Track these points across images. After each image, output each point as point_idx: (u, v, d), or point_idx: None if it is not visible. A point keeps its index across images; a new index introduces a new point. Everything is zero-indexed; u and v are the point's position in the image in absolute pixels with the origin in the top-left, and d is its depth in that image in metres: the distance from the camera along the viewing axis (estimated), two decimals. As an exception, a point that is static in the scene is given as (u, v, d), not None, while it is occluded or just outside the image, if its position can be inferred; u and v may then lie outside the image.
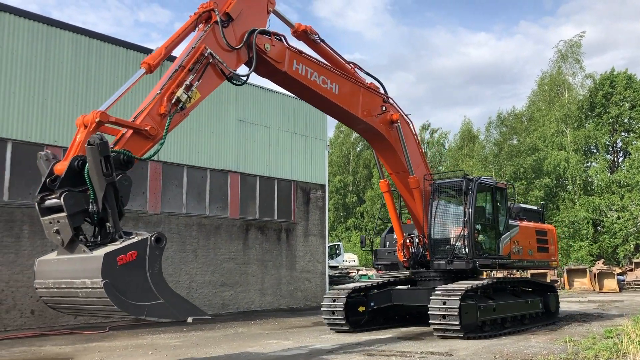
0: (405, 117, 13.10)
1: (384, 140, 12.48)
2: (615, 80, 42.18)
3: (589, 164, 42.50)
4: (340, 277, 26.41)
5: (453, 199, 13.33)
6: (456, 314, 10.90)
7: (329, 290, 13.34)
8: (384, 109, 12.32)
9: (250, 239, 19.84)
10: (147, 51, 17.49)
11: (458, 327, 10.92)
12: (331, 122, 62.45)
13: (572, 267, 31.09)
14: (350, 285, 13.51)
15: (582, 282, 29.45)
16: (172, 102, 8.13)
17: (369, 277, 26.18)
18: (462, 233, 12.35)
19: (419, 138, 13.71)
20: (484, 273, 14.85)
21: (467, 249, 12.29)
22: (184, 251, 17.70)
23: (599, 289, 28.09)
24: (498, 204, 13.52)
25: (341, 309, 12.67)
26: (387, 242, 14.37)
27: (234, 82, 9.23)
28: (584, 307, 18.66)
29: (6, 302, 13.58)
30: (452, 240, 12.56)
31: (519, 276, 31.25)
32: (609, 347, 9.30)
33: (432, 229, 12.92)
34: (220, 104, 19.27)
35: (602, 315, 15.98)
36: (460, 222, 12.50)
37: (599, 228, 40.65)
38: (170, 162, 17.76)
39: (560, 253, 37.72)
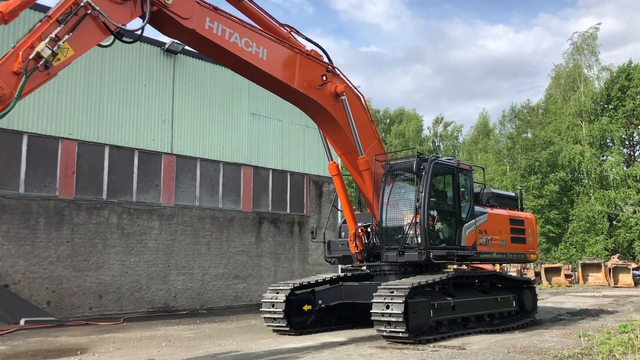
0: (354, 89, 11.74)
1: (328, 116, 11.07)
2: (632, 73, 41.60)
3: (604, 158, 42.03)
4: (353, 270, 26.44)
5: (409, 183, 11.65)
6: (400, 313, 9.44)
7: (271, 286, 11.99)
8: (324, 78, 10.82)
9: (263, 232, 19.90)
10: (160, 44, 17.56)
11: (403, 329, 9.49)
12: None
13: (587, 261, 30.82)
14: (294, 281, 12.05)
15: (596, 277, 29.20)
16: (31, 57, 6.55)
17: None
18: (414, 220, 10.78)
19: (370, 112, 12.18)
20: (451, 266, 13.50)
21: (419, 239, 10.75)
22: (197, 244, 17.81)
23: (614, 284, 27.84)
24: (461, 187, 12.03)
25: (281, 309, 11.19)
26: (343, 233, 12.52)
27: (125, 39, 7.53)
28: (598, 302, 18.51)
29: (22, 293, 13.76)
30: (404, 228, 11.02)
31: (488, 269, 31.15)
32: (624, 342, 9.22)
33: (383, 216, 11.42)
34: (233, 97, 19.31)
35: (617, 310, 15.82)
36: (414, 208, 10.93)
37: (614, 222, 40.25)
38: (184, 155, 17.85)
39: (575, 247, 37.47)
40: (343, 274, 12.87)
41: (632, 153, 44.80)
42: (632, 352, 8.45)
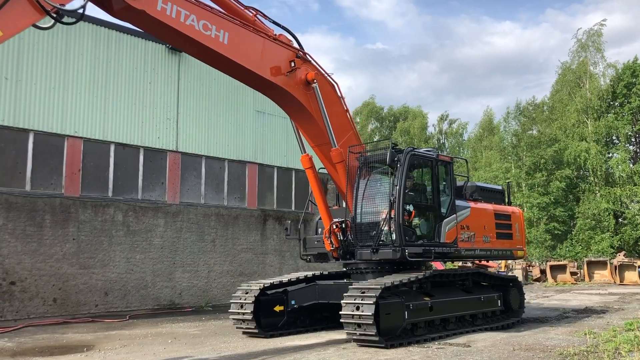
0: (327, 76, 11.01)
1: (298, 105, 10.44)
2: (638, 69, 41.39)
3: (610, 155, 41.86)
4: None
5: (386, 176, 10.93)
6: (370, 314, 8.81)
7: (241, 285, 11.39)
8: (293, 64, 10.10)
9: (268, 229, 19.92)
10: (166, 42, 17.58)
11: (373, 332, 8.88)
12: (349, 113, 62.22)
13: (593, 259, 30.74)
14: (264, 281, 11.39)
15: (602, 275, 29.11)
16: None
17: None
18: (388, 216, 10.15)
19: (345, 102, 11.52)
20: (436, 264, 12.77)
21: (394, 235, 10.12)
22: (202, 241, 17.85)
23: (620, 282, 27.74)
24: (441, 181, 11.42)
25: (249, 310, 10.53)
26: (320, 229, 11.71)
27: (64, 21, 6.83)
28: (604, 300, 18.46)
29: (29, 291, 13.83)
30: (379, 224, 10.39)
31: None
32: (630, 340, 9.19)
33: (358, 212, 10.80)
34: (238, 94, 19.33)
35: (622, 308, 15.78)
36: (389, 202, 10.29)
37: (620, 220, 40.10)
38: (189, 153, 17.88)
39: (581, 245, 37.34)
40: (319, 272, 12.13)
41: (638, 150, 44.60)
42: (638, 349, 8.42)
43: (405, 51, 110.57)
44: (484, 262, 36.50)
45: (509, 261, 34.00)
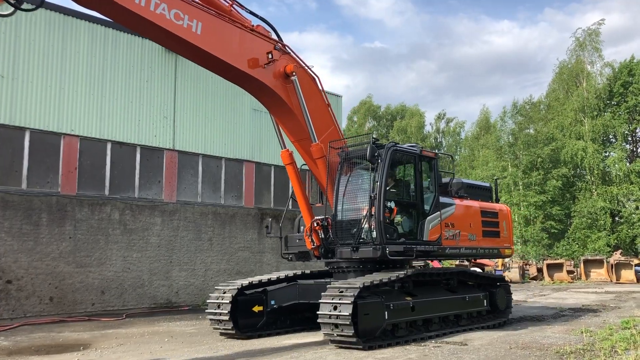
0: (307, 69, 10.69)
1: (277, 99, 10.11)
2: (635, 69, 41.49)
3: (607, 154, 41.97)
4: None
5: (367, 172, 10.57)
6: (348, 315, 8.48)
7: (219, 285, 11.04)
8: (270, 56, 9.74)
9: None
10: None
11: (351, 333, 8.54)
12: (345, 112, 62.34)
13: (589, 257, 30.81)
14: (243, 280, 10.98)
15: (599, 273, 29.18)
16: None
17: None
18: (368, 213, 9.82)
19: (326, 96, 11.20)
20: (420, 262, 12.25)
21: (375, 233, 9.79)
22: (199, 240, 17.83)
23: (616, 280, 27.83)
24: (424, 177, 11.12)
25: (226, 310, 10.17)
26: (302, 227, 11.43)
27: (23, 7, 6.65)
28: (600, 298, 18.51)
29: (26, 289, 13.80)
30: (359, 222, 10.06)
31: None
32: (626, 338, 9.22)
33: (338, 209, 10.49)
34: (235, 93, 19.29)
35: (619, 306, 15.82)
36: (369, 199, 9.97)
37: (616, 218, 40.21)
38: (186, 151, 17.85)
39: (577, 243, 37.43)
40: (300, 271, 11.79)
41: (634, 149, 44.73)
42: (634, 348, 8.45)
43: (404, 50, 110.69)
44: (480, 261, 36.63)
45: (506, 260, 34.10)
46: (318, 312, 8.88)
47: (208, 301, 10.68)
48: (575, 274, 30.14)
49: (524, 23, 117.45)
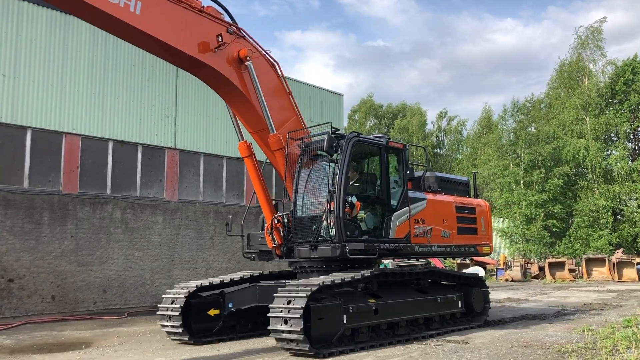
0: (265, 54, 10.01)
1: (230, 86, 9.43)
2: (637, 67, 41.40)
3: (609, 152, 41.90)
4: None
5: (330, 164, 9.78)
6: (298, 318, 7.75)
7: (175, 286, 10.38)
8: (220, 39, 9.03)
9: (267, 226, 19.89)
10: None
11: (300, 338, 7.79)
12: (346, 111, 62.29)
13: (591, 256, 30.78)
14: (198, 281, 10.27)
15: (600, 272, 29.16)
16: None
17: (385, 266, 26.05)
18: (327, 209, 9.09)
19: (287, 83, 10.54)
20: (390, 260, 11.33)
21: (334, 230, 9.08)
22: (201, 238, 17.84)
23: (618, 279, 27.80)
24: (392, 170, 10.39)
25: (177, 313, 9.51)
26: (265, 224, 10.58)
27: None
28: (602, 297, 18.49)
29: (28, 288, 13.82)
30: (319, 218, 9.35)
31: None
32: (628, 337, 9.21)
33: (298, 204, 9.80)
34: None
35: (620, 305, 15.81)
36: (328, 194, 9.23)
37: (618, 217, 40.15)
38: (187, 150, 17.86)
39: (579, 242, 37.37)
40: (267, 271, 11.19)
41: (636, 147, 44.66)
42: (635, 346, 8.44)
43: (407, 48, 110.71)
44: (481, 259, 36.62)
45: (508, 258, 34.11)
46: (269, 315, 8.16)
47: (159, 305, 9.98)
48: (577, 272, 30.12)
49: (527, 21, 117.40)
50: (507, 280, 29.72)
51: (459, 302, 11.27)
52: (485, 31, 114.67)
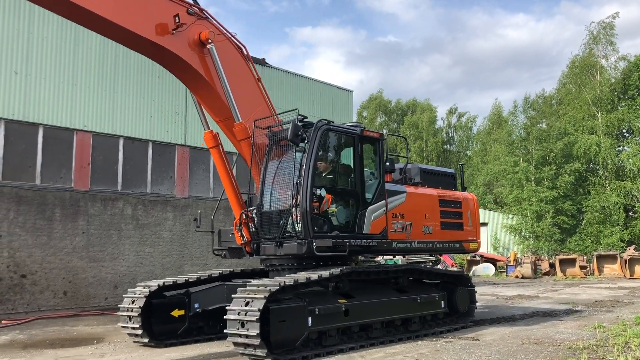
0: (231, 38, 9.45)
1: (191, 72, 8.89)
2: (651, 62, 40.93)
3: (620, 148, 41.52)
4: (364, 261, 26.39)
5: (301, 155, 9.09)
6: (255, 321, 7.14)
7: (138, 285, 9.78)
8: (177, 20, 8.42)
9: (276, 223, 19.93)
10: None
11: (257, 343, 7.16)
12: (356, 106, 62.21)
13: (603, 253, 30.55)
14: (160, 280, 9.63)
15: (612, 269, 28.94)
16: None
17: (394, 262, 26.01)
18: (294, 202, 8.47)
19: (255, 69, 9.95)
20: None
21: (299, 226, 8.45)
22: (211, 234, 17.86)
23: (630, 276, 27.57)
24: (367, 161, 9.70)
25: (137, 314, 8.98)
26: None
27: None
28: (613, 294, 18.37)
29: (40, 283, 13.95)
30: (285, 213, 8.73)
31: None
32: (640, 334, 9.15)
33: (264, 198, 9.21)
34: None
35: (632, 302, 15.69)
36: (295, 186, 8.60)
37: (630, 213, 39.80)
38: (198, 147, 17.91)
39: (590, 238, 37.10)
40: (231, 270, 10.55)
41: (649, 143, 44.19)
42: (648, 344, 8.38)
43: (418, 44, 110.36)
44: (491, 256, 36.49)
45: (518, 255, 33.94)
46: (226, 317, 7.55)
47: (119, 305, 9.51)
48: (588, 269, 29.91)
49: (539, 16, 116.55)
50: (517, 277, 29.58)
51: (442, 302, 10.54)
52: (497, 26, 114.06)
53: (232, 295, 7.75)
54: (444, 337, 9.62)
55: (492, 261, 34.72)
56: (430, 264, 29.59)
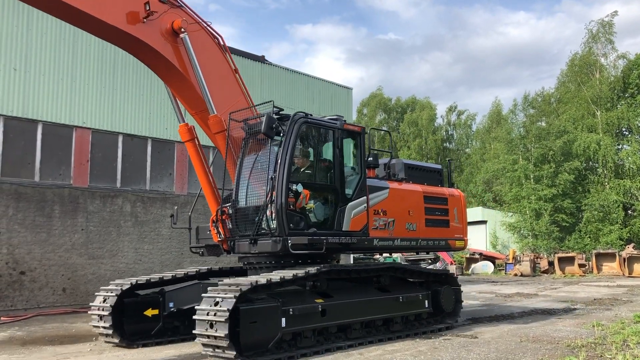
0: (206, 27, 9.14)
1: (163, 62, 8.58)
2: (651, 60, 40.90)
3: (620, 147, 41.53)
4: (365, 259, 26.44)
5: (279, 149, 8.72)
6: (223, 321, 6.86)
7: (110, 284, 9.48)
8: (147, 7, 8.11)
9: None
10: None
11: (225, 344, 6.90)
12: (355, 104, 62.22)
13: (601, 251, 30.59)
14: (133, 279, 9.33)
15: (611, 267, 28.98)
16: None
17: (394, 260, 26.05)
18: (269, 198, 8.18)
19: (232, 61, 9.62)
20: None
21: (275, 222, 8.16)
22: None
23: (629, 274, 27.62)
24: (347, 156, 9.36)
25: (107, 313, 8.70)
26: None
27: None
28: (612, 292, 18.39)
29: (39, 280, 13.95)
30: (260, 209, 8.44)
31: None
32: (638, 332, 9.16)
33: (239, 193, 8.93)
34: (246, 85, 19.27)
35: (631, 300, 15.71)
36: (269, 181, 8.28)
37: (629, 212, 39.84)
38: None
39: (589, 237, 37.13)
40: (208, 268, 10.25)
41: (649, 142, 44.15)
42: (646, 342, 8.40)
43: (418, 42, 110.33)
44: (490, 254, 36.53)
45: (517, 253, 33.98)
46: (195, 317, 7.27)
47: (91, 304, 9.22)
48: (587, 267, 29.96)
49: (540, 14, 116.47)
50: (516, 275, 29.62)
51: (426, 302, 10.17)
52: (498, 24, 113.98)
53: (202, 295, 7.49)
54: (442, 335, 9.63)
55: (491, 259, 34.77)
56: (429, 261, 29.63)
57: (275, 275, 7.70)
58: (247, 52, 19.77)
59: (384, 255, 28.10)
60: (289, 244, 8.10)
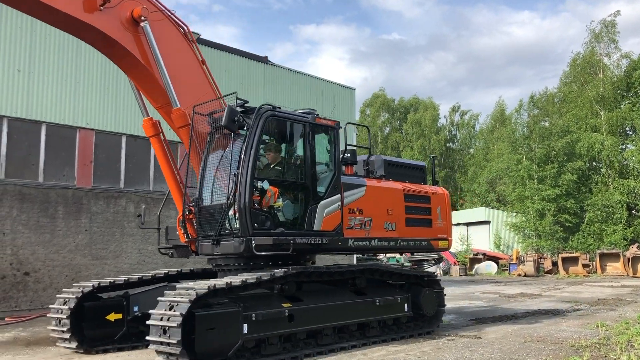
0: (169, 15, 8.71)
1: (122, 52, 8.14)
2: (654, 59, 40.75)
3: (623, 146, 41.41)
4: (366, 259, 26.40)
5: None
6: (176, 327, 6.40)
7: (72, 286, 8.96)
8: None
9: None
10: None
11: (177, 352, 6.44)
12: (358, 104, 62.19)
13: (605, 251, 30.52)
14: (95, 281, 8.71)
15: (615, 267, 28.91)
16: None
17: (397, 261, 26.00)
18: (233, 196, 7.69)
19: (199, 52, 9.20)
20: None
21: (237, 222, 7.70)
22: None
23: (633, 274, 27.55)
24: (319, 152, 8.77)
25: (65, 317, 8.15)
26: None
27: None
28: (616, 292, 18.34)
29: (43, 281, 13.98)
30: (223, 208, 7.92)
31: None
32: (643, 332, 9.14)
33: (203, 191, 8.49)
34: (248, 86, 19.32)
35: (635, 300, 15.67)
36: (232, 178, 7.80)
37: (633, 212, 39.71)
38: (200, 145, 17.92)
39: (593, 237, 37.04)
40: (178, 270, 9.72)
41: (653, 141, 44.01)
42: (650, 342, 8.37)
43: (422, 42, 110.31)
44: (493, 254, 36.45)
45: (521, 253, 33.91)
46: (148, 322, 6.79)
47: (50, 306, 8.70)
48: (590, 267, 29.89)
49: (544, 13, 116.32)
50: (519, 275, 29.58)
51: (405, 305, 9.56)
52: (502, 24, 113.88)
53: (158, 298, 6.98)
54: (446, 335, 9.62)
55: (495, 259, 34.71)
56: (433, 261, 29.58)
57: (237, 279, 7.18)
58: (250, 53, 19.79)
59: (387, 255, 28.02)
60: (253, 245, 7.59)
